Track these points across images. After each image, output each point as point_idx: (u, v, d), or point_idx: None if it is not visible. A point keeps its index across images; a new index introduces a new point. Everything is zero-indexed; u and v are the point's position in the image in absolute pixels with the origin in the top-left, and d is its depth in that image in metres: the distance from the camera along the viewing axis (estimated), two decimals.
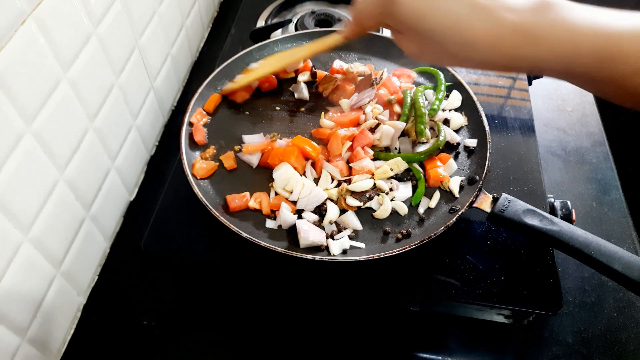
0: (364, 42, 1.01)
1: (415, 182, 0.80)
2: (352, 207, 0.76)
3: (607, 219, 0.89)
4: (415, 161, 0.81)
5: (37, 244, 0.64)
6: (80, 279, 0.77)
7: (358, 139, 0.82)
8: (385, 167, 0.78)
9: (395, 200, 0.77)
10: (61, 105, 0.65)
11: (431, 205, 0.78)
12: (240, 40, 1.10)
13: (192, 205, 0.75)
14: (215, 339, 0.75)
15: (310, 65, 0.97)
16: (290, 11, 1.20)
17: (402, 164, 0.79)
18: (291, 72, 0.96)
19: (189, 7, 1.07)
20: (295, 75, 0.96)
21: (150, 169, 0.96)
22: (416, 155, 0.81)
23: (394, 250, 0.69)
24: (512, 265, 0.75)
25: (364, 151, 0.80)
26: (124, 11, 0.79)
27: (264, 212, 0.76)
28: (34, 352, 0.66)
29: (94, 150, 0.75)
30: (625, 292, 0.79)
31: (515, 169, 0.86)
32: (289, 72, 0.96)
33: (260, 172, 0.82)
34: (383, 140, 0.83)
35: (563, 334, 0.75)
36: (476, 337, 0.76)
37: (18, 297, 0.61)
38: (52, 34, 0.61)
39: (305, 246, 0.72)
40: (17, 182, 0.58)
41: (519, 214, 0.70)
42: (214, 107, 0.90)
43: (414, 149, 0.83)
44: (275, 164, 0.79)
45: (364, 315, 0.77)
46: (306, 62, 0.96)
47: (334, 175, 0.78)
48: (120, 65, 0.80)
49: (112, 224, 0.86)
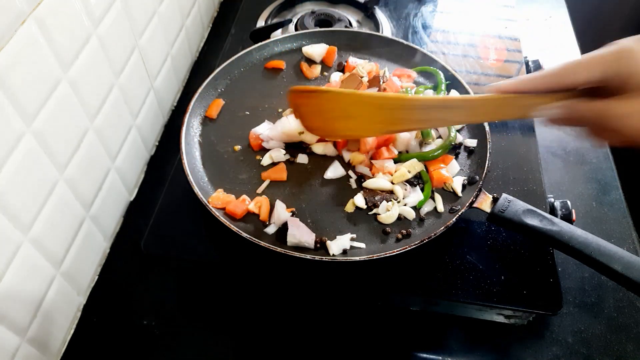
0: (364, 42, 1.01)
1: (422, 185, 0.79)
2: (357, 205, 0.76)
3: (607, 219, 0.88)
4: (430, 159, 0.81)
5: (37, 244, 0.64)
6: (80, 279, 0.77)
7: (383, 138, 0.81)
8: (403, 169, 0.78)
9: (405, 205, 0.77)
10: (61, 105, 0.65)
11: (439, 208, 0.77)
12: (240, 40, 1.10)
13: (192, 205, 0.75)
14: (215, 339, 0.75)
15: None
16: (290, 11, 1.20)
17: (419, 165, 0.79)
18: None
19: (189, 7, 1.07)
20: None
21: (150, 169, 0.96)
22: (430, 153, 0.81)
23: (394, 250, 0.69)
24: (512, 265, 0.75)
25: (388, 151, 0.81)
26: (124, 11, 0.79)
27: (261, 217, 0.75)
28: (34, 352, 0.66)
29: (94, 150, 0.75)
30: (625, 292, 0.79)
31: (515, 169, 0.86)
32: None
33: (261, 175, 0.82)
34: (399, 145, 0.83)
35: (563, 334, 0.75)
36: (476, 337, 0.76)
37: (18, 297, 0.61)
38: (52, 34, 0.61)
39: (293, 244, 0.72)
40: (17, 182, 0.58)
41: (519, 214, 0.70)
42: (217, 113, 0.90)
43: (422, 150, 0.83)
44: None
45: (363, 315, 0.77)
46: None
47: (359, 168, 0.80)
48: (120, 65, 0.80)
49: (112, 224, 0.86)
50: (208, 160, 0.83)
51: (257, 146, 0.85)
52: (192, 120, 0.87)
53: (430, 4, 1.23)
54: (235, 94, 0.93)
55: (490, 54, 1.08)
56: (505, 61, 1.07)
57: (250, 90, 0.94)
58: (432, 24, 1.17)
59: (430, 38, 1.13)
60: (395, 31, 1.15)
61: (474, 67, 1.05)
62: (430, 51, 0.99)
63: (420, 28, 1.16)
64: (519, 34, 1.13)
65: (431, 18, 1.19)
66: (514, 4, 1.22)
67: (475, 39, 1.12)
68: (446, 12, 1.21)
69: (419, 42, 1.12)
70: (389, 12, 1.19)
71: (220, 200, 0.76)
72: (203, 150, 0.85)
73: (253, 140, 0.85)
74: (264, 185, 0.80)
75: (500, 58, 1.08)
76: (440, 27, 1.16)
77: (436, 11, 1.21)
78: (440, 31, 1.15)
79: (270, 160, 0.83)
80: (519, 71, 1.06)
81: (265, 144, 0.85)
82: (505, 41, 1.11)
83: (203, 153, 0.84)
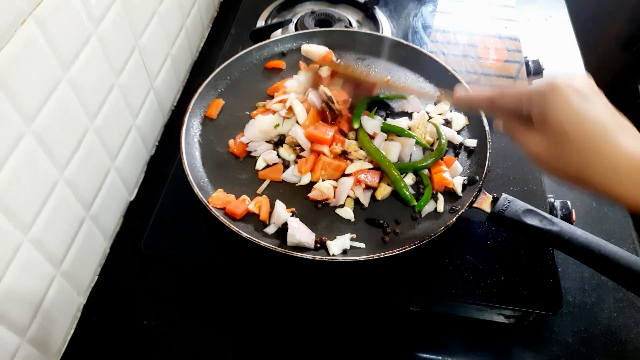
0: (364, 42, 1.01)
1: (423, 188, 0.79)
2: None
3: (607, 219, 0.88)
4: (421, 169, 0.80)
5: (37, 244, 0.64)
6: (80, 279, 0.77)
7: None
8: (384, 186, 0.79)
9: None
10: (61, 105, 0.65)
11: (439, 209, 0.77)
12: (240, 40, 1.10)
13: (192, 205, 0.75)
14: (215, 339, 0.75)
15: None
16: (290, 11, 1.20)
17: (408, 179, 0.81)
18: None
19: (189, 7, 1.07)
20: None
21: (150, 169, 0.96)
22: (420, 162, 0.80)
23: (394, 250, 0.69)
24: (512, 265, 0.75)
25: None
26: (124, 11, 0.79)
27: (261, 217, 0.76)
28: (34, 352, 0.66)
29: (94, 150, 0.75)
30: (625, 292, 0.79)
31: (515, 169, 0.86)
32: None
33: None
34: (392, 157, 0.82)
35: (563, 334, 0.75)
36: (476, 337, 0.76)
37: (18, 297, 0.61)
38: (52, 34, 0.61)
39: (293, 244, 0.72)
40: (17, 182, 0.58)
41: (519, 214, 0.70)
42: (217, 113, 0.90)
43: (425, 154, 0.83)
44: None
45: (363, 315, 0.77)
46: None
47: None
48: (120, 65, 0.80)
49: (112, 224, 0.86)
50: (208, 160, 0.83)
51: (241, 153, 0.84)
52: (192, 120, 0.87)
53: (430, 4, 1.23)
54: (235, 94, 0.93)
55: (490, 54, 1.08)
56: (505, 61, 1.07)
57: (250, 90, 0.94)
58: (432, 24, 1.17)
59: (430, 38, 1.13)
60: (395, 31, 1.15)
61: (474, 67, 1.05)
62: (430, 51, 0.99)
63: (420, 28, 1.16)
64: (519, 34, 1.13)
65: (431, 18, 1.19)
66: (514, 4, 1.22)
67: (475, 39, 1.12)
68: (446, 12, 1.21)
69: (419, 42, 1.12)
70: (389, 12, 1.19)
71: (220, 200, 0.76)
72: (203, 150, 0.85)
73: (236, 149, 0.84)
74: (264, 185, 0.80)
75: (500, 58, 1.08)
76: (440, 27, 1.16)
77: (436, 11, 1.21)
78: (440, 31, 1.15)
79: (264, 164, 0.82)
80: (519, 71, 1.06)
81: (249, 148, 0.84)
82: (505, 41, 1.11)
83: (203, 153, 0.84)
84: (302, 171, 0.79)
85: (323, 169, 0.79)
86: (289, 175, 0.81)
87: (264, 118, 0.85)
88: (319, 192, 0.77)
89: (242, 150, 0.84)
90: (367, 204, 0.78)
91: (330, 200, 0.77)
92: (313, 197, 0.77)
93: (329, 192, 0.77)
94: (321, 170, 0.79)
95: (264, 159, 0.82)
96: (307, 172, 0.80)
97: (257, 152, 0.84)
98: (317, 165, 0.79)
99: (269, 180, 0.80)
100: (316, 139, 0.80)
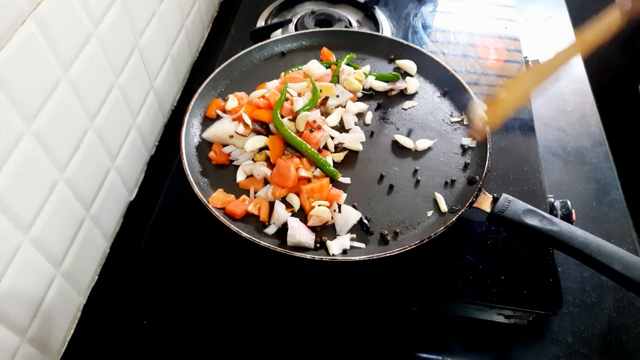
0: (364, 42, 1.01)
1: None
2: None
3: (607, 219, 0.88)
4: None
5: (37, 244, 0.64)
6: (80, 279, 0.77)
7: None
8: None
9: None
10: (61, 105, 0.65)
11: (440, 209, 0.77)
12: (240, 40, 1.10)
13: (192, 205, 0.75)
14: (215, 339, 0.75)
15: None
16: (290, 11, 1.20)
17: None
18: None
19: (189, 7, 1.07)
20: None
21: (150, 169, 0.96)
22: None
23: (393, 250, 0.69)
24: (512, 265, 0.75)
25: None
26: (124, 11, 0.79)
27: (261, 218, 0.76)
28: (34, 352, 0.66)
29: (94, 150, 0.75)
30: (625, 292, 0.79)
31: (515, 169, 0.86)
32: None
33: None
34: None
35: (563, 334, 0.75)
36: (476, 337, 0.76)
37: (18, 297, 0.61)
38: (52, 34, 0.61)
39: (292, 244, 0.72)
40: (17, 182, 0.58)
41: (519, 214, 0.70)
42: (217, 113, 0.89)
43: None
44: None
45: (364, 315, 0.77)
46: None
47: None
48: (120, 65, 0.80)
49: (112, 224, 0.86)
50: (208, 160, 0.83)
51: (225, 162, 0.83)
52: (192, 120, 0.87)
53: (430, 4, 1.23)
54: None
55: (490, 54, 1.08)
56: (505, 61, 1.07)
57: (250, 90, 0.94)
58: (432, 24, 1.17)
59: (430, 38, 1.13)
60: (395, 31, 1.15)
61: (474, 67, 1.05)
62: (430, 51, 0.99)
63: (420, 28, 1.16)
64: (519, 34, 1.13)
65: (431, 18, 1.19)
66: (514, 4, 1.22)
67: (475, 39, 1.12)
68: (446, 12, 1.21)
69: (419, 42, 1.12)
70: (389, 12, 1.19)
71: (220, 200, 0.76)
72: (203, 150, 0.84)
73: (217, 158, 0.82)
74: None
75: (500, 58, 1.08)
76: (440, 27, 1.16)
77: (436, 11, 1.21)
78: (440, 31, 1.15)
79: (244, 175, 0.80)
80: (519, 71, 1.06)
81: (232, 157, 0.83)
82: (505, 41, 1.11)
83: (203, 153, 0.84)
84: (276, 194, 0.77)
85: (310, 197, 0.76)
86: (266, 193, 0.78)
87: (224, 124, 0.83)
88: (317, 218, 0.73)
89: (225, 159, 0.82)
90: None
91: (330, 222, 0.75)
92: (313, 224, 0.74)
93: (327, 215, 0.73)
94: (309, 200, 0.75)
95: (243, 170, 0.81)
96: (281, 196, 0.77)
97: (238, 161, 0.82)
98: (302, 197, 0.76)
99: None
100: (282, 185, 0.77)
